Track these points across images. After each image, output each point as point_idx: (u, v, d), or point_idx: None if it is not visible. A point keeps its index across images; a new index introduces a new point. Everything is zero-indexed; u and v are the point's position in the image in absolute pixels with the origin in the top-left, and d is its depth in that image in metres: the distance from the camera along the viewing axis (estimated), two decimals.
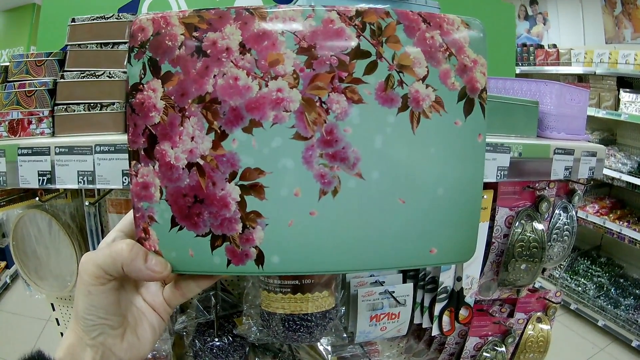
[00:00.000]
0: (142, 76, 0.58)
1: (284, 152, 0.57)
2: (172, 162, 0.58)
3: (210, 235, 0.58)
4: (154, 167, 0.59)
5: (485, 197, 1.38)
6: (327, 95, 0.58)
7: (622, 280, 4.62)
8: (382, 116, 0.59)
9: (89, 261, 0.58)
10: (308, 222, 0.58)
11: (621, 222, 4.52)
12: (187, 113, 0.58)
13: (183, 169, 0.58)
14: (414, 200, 0.60)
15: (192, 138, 0.57)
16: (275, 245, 0.58)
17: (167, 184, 0.58)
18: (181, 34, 0.58)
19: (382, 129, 0.59)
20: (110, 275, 0.58)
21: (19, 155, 1.04)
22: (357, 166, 0.58)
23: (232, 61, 0.57)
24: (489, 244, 1.47)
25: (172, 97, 0.58)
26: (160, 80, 0.58)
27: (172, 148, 0.58)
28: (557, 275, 4.89)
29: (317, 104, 0.58)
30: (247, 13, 0.58)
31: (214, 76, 0.57)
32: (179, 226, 0.59)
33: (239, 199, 0.58)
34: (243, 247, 0.58)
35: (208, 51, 0.57)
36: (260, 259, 0.58)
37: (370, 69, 0.59)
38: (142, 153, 0.59)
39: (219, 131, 0.57)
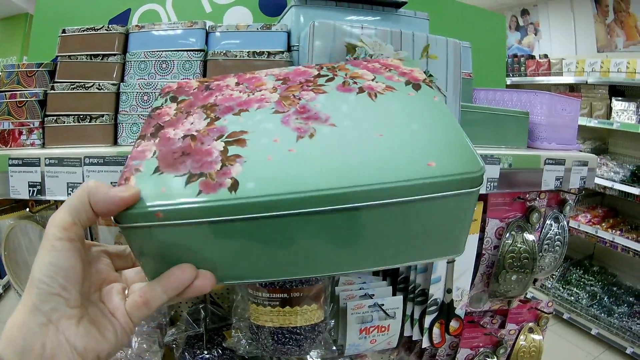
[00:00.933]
0: (164, 103, 0.75)
1: (265, 120, 0.66)
2: (170, 137, 0.65)
3: (187, 174, 0.57)
4: (154, 141, 0.64)
5: (475, 208, 1.38)
6: (298, 92, 0.72)
7: (615, 289, 4.63)
8: (343, 97, 0.70)
9: (56, 213, 0.55)
10: (287, 156, 0.58)
11: (614, 231, 4.53)
12: (191, 112, 0.71)
13: (178, 139, 0.64)
14: (392, 133, 0.61)
15: (192, 123, 0.67)
16: (252, 175, 0.56)
17: (162, 147, 0.63)
18: (196, 85, 0.79)
19: (345, 101, 0.68)
20: (78, 222, 0.54)
21: (9, 165, 1.03)
22: (329, 120, 0.64)
23: (229, 89, 0.76)
24: (479, 255, 1.47)
25: (182, 108, 0.72)
26: (176, 104, 0.74)
27: (173, 130, 0.67)
28: (550, 285, 4.89)
29: (291, 96, 0.71)
30: (241, 73, 0.81)
31: (216, 96, 0.74)
32: (160, 172, 0.58)
33: (222, 149, 0.60)
34: (218, 179, 0.56)
35: (213, 88, 0.77)
36: (234, 187, 0.55)
37: (330, 80, 0.75)
38: (148, 135, 0.66)
39: (213, 117, 0.68)
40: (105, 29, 1.20)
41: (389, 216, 0.56)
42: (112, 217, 0.55)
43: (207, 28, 1.22)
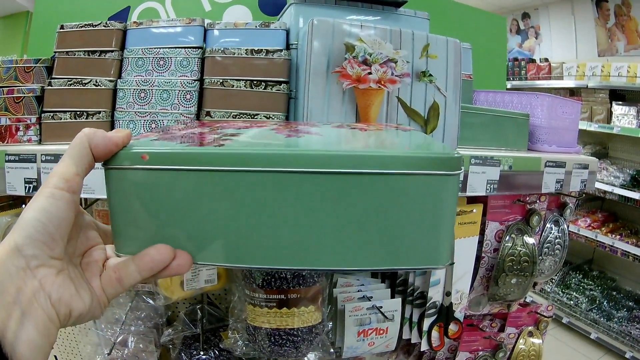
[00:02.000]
0: None
1: (261, 133, 0.69)
2: (173, 132, 0.67)
3: (179, 140, 0.60)
4: (157, 134, 0.66)
5: (474, 211, 1.37)
6: (297, 127, 0.76)
7: (614, 293, 4.62)
8: (335, 129, 0.75)
9: (58, 164, 0.54)
10: (275, 139, 0.65)
11: (613, 235, 4.53)
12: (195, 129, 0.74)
13: (179, 137, 0.64)
14: (374, 136, 0.70)
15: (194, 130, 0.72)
16: (239, 144, 0.59)
17: (163, 136, 0.64)
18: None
19: (336, 130, 0.74)
20: (79, 172, 0.54)
21: (6, 161, 1.03)
22: (317, 133, 0.69)
23: (232, 125, 0.80)
24: (478, 258, 1.46)
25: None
26: None
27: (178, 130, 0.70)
28: (549, 290, 4.89)
29: (290, 127, 0.76)
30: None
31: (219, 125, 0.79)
32: (156, 139, 0.61)
33: (216, 137, 0.64)
34: (207, 143, 0.60)
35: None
36: (219, 144, 0.57)
37: None
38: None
39: (215, 128, 0.72)
40: (103, 26, 1.19)
41: (363, 190, 0.55)
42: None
43: (205, 25, 1.21)
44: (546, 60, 5.50)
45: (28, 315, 0.50)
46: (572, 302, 4.63)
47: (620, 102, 4.51)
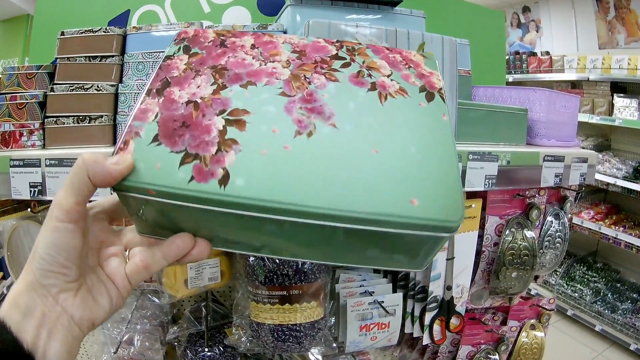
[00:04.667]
0: (176, 52, 0.74)
1: (270, 102, 0.66)
2: (174, 98, 0.66)
3: (184, 152, 0.59)
4: (158, 100, 0.65)
5: (473, 206, 1.38)
6: (310, 74, 0.71)
7: (618, 285, 4.62)
8: (354, 91, 0.69)
9: (59, 194, 0.57)
10: (281, 154, 0.60)
11: (617, 227, 4.53)
12: (200, 73, 0.70)
13: (182, 103, 0.65)
14: (388, 152, 0.62)
15: (198, 86, 0.68)
16: (243, 169, 0.58)
17: (164, 111, 0.64)
18: (212, 37, 0.77)
19: (354, 97, 0.68)
20: (80, 201, 0.56)
21: (10, 166, 1.04)
22: (331, 119, 0.65)
23: (243, 51, 0.74)
24: (479, 252, 1.47)
25: (193, 64, 0.72)
26: (187, 55, 0.73)
27: (179, 90, 0.67)
28: (553, 282, 4.89)
29: (302, 77, 0.70)
30: (260, 33, 0.79)
31: (228, 57, 0.73)
32: (158, 142, 0.61)
33: (221, 128, 0.62)
34: (211, 166, 0.58)
35: (228, 45, 0.75)
36: (224, 180, 0.57)
37: (345, 65, 0.73)
38: (154, 91, 0.67)
39: (220, 84, 0.68)
40: (103, 31, 1.21)
41: (362, 237, 0.59)
42: None
43: (203, 28, 1.22)
44: (547, 53, 5.50)
45: (54, 335, 0.57)
46: (576, 295, 4.63)
47: (622, 95, 4.50)
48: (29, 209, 1.35)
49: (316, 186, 0.58)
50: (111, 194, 0.61)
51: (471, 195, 1.39)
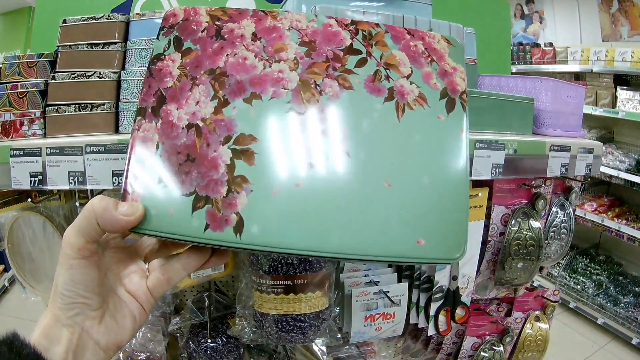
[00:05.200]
0: (166, 49, 0.68)
1: (278, 123, 0.63)
2: (173, 121, 0.63)
3: (194, 195, 0.60)
4: (156, 124, 0.63)
5: (480, 195, 1.37)
6: (321, 80, 0.66)
7: (621, 278, 4.62)
8: (369, 102, 0.65)
9: (69, 232, 0.59)
10: (293, 194, 0.60)
11: (619, 220, 4.53)
12: (197, 81, 0.65)
13: (183, 128, 0.63)
14: (400, 184, 0.62)
15: (197, 102, 0.64)
16: (257, 214, 0.59)
17: (165, 140, 0.62)
18: (206, 22, 0.69)
19: (369, 113, 0.64)
20: (90, 241, 0.58)
21: (11, 156, 1.03)
22: (344, 144, 0.63)
23: (244, 45, 0.68)
24: (484, 242, 1.46)
25: (187, 68, 0.66)
26: (180, 54, 0.67)
27: (177, 109, 0.64)
28: (556, 274, 4.89)
29: (312, 85, 0.65)
30: (261, 12, 0.70)
31: (227, 55, 0.67)
32: (166, 183, 0.61)
33: (228, 162, 0.61)
34: (224, 211, 0.59)
35: (225, 36, 0.68)
36: (239, 227, 0.59)
37: (361, 63, 0.67)
38: (149, 111, 0.64)
39: (222, 99, 0.64)
40: (106, 18, 1.19)
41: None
42: None
43: None
44: (551, 44, 5.49)
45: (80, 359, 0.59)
46: (579, 287, 4.63)
47: (625, 87, 4.49)
48: (29, 200, 1.34)
49: (329, 231, 0.59)
50: None
51: (477, 184, 1.38)
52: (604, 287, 4.53)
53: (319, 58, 0.67)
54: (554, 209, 1.61)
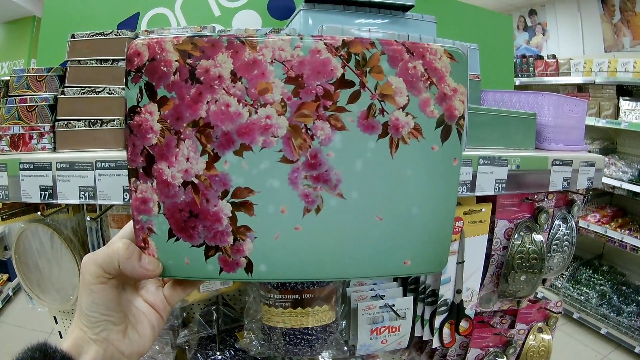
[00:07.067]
0: (140, 99, 0.61)
1: (272, 174, 0.62)
2: (168, 180, 0.62)
3: (204, 246, 0.64)
4: (152, 184, 0.63)
5: (483, 210, 1.38)
6: (312, 123, 0.61)
7: (624, 288, 4.61)
8: (363, 142, 0.63)
9: (89, 261, 0.63)
10: (293, 236, 0.64)
11: (622, 230, 4.52)
12: (182, 136, 0.61)
13: (179, 186, 0.62)
14: (390, 217, 0.65)
15: (187, 159, 0.62)
16: (262, 256, 0.64)
17: (165, 199, 0.63)
18: (175, 60, 0.60)
19: (362, 153, 0.63)
20: (108, 273, 0.62)
21: (20, 169, 1.04)
22: (338, 187, 0.63)
23: (224, 88, 0.60)
24: (488, 256, 1.47)
25: (168, 121, 0.61)
26: (156, 104, 0.61)
27: (168, 167, 0.62)
28: (560, 285, 4.88)
29: (303, 130, 0.61)
30: (238, 42, 0.60)
31: (207, 102, 0.60)
32: (175, 237, 0.64)
33: (230, 215, 0.63)
34: (234, 256, 0.64)
35: (201, 78, 0.60)
36: (249, 268, 0.64)
37: (354, 98, 0.62)
38: (141, 171, 0.62)
39: (212, 153, 0.61)
40: (115, 34, 1.20)
41: None
42: None
43: (215, 32, 1.22)
44: (553, 56, 5.49)
45: None
46: (582, 298, 4.62)
47: (628, 98, 4.50)
48: (38, 212, 1.35)
49: (327, 261, 0.66)
50: None
51: (481, 199, 1.39)
52: (607, 297, 4.52)
53: (308, 97, 0.61)
54: (556, 222, 1.62)
